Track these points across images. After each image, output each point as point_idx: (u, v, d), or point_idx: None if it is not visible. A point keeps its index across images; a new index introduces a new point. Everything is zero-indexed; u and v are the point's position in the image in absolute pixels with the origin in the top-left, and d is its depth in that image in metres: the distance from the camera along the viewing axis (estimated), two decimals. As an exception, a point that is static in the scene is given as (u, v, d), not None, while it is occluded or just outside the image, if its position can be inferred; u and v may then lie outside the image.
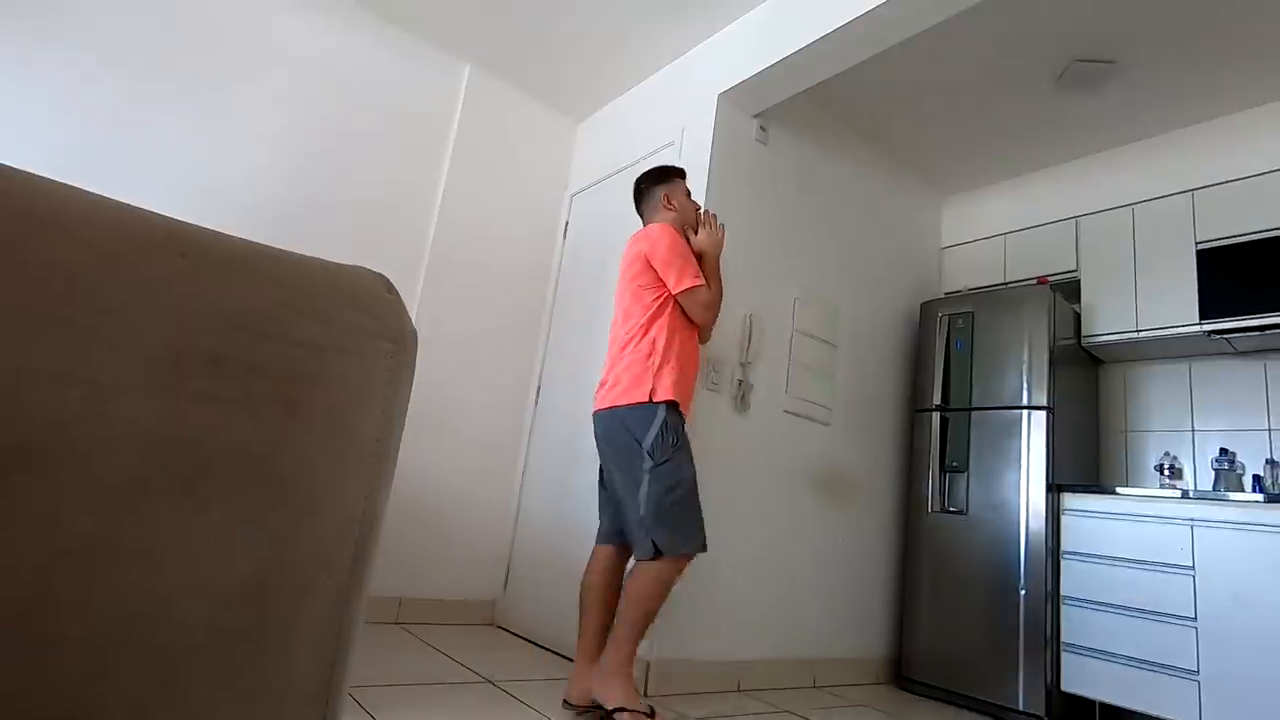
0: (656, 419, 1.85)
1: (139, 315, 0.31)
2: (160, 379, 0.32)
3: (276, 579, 0.35)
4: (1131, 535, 2.50)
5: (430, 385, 2.93)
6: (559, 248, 3.40)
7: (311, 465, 0.37)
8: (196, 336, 0.33)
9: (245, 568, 0.34)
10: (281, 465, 0.36)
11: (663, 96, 3.03)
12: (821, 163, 3.09)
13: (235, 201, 2.59)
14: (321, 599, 0.37)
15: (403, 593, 2.77)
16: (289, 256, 0.39)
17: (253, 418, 0.35)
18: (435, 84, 3.13)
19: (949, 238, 3.73)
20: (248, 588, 0.34)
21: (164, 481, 0.32)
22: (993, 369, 2.90)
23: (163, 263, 0.33)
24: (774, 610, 2.59)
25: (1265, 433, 2.73)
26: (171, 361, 0.32)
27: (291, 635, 0.36)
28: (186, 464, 0.33)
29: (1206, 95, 2.79)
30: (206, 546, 0.33)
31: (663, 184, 2.20)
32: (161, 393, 0.32)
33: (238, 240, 0.39)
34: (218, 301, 0.34)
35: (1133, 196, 3.05)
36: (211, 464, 0.33)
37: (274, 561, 0.35)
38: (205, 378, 0.33)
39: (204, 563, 0.33)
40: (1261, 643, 2.16)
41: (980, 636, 2.67)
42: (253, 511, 0.34)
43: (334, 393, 0.38)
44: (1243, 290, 2.63)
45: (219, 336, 0.34)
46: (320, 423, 0.37)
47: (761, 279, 2.74)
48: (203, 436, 0.33)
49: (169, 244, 0.33)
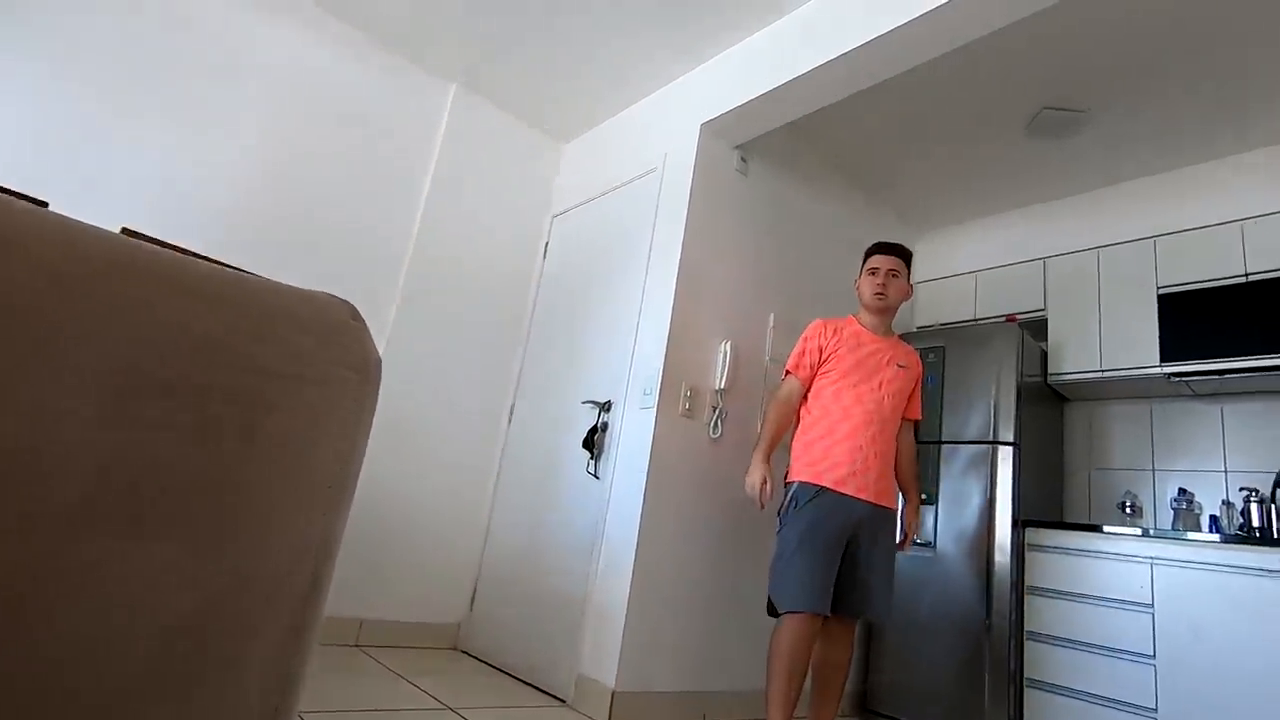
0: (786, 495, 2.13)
1: (91, 340, 0.30)
2: (111, 406, 0.31)
3: (225, 613, 0.34)
4: (1094, 572, 2.54)
5: (402, 403, 2.89)
6: (538, 268, 3.40)
7: (267, 495, 0.36)
8: (152, 363, 0.32)
9: (192, 602, 0.33)
10: (236, 495, 0.35)
11: (647, 123, 3.07)
12: (800, 195, 3.14)
13: (209, 218, 2.55)
14: (271, 632, 0.36)
15: (363, 614, 2.70)
16: (252, 281, 0.38)
17: (207, 446, 0.34)
18: (419, 103, 3.13)
19: (922, 273, 3.80)
20: (194, 622, 0.33)
21: (110, 512, 0.31)
22: (962, 403, 2.95)
23: (119, 287, 0.32)
24: (740, 639, 2.57)
25: (1222, 474, 2.80)
26: (124, 388, 0.31)
27: (238, 670, 0.34)
28: (136, 494, 0.32)
29: (1169, 147, 2.90)
30: (152, 580, 0.32)
31: None
32: (112, 420, 0.31)
33: (200, 264, 0.39)
34: (175, 327, 0.33)
35: (1098, 240, 3.15)
36: (162, 494, 0.32)
37: (223, 595, 0.34)
38: (159, 405, 0.32)
39: (149, 597, 0.32)
40: (1217, 682, 2.20)
41: (945, 670, 2.68)
42: (204, 543, 0.33)
43: (293, 421, 0.37)
44: (1201, 335, 2.71)
45: (176, 363, 0.33)
46: (278, 451, 0.36)
47: (738, 308, 2.77)
48: (154, 465, 0.32)
49: (127, 267, 0.32)
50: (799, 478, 2.09)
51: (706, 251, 2.67)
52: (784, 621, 1.96)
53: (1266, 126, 2.71)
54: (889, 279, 2.22)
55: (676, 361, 2.50)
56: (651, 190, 2.83)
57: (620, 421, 2.56)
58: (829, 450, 2.08)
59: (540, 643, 2.53)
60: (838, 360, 2.15)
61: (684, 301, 2.56)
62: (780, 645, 1.94)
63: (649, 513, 2.35)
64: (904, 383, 2.21)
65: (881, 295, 2.21)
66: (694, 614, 2.44)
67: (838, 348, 2.17)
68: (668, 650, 2.35)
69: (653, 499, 2.37)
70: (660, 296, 2.59)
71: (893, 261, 2.24)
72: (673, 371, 2.49)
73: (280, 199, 2.72)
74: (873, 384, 2.13)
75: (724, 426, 2.61)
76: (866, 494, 2.06)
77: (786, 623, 1.96)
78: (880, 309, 2.23)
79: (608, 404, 2.65)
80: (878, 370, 2.15)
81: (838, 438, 2.09)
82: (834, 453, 2.08)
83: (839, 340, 2.18)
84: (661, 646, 2.33)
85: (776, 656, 1.94)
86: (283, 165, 2.74)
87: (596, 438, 2.62)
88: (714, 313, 2.67)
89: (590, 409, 2.72)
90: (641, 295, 2.68)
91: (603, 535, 2.44)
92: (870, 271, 2.25)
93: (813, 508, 2.03)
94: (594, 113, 3.29)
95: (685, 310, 2.56)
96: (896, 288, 2.23)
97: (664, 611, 2.35)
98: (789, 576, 1.99)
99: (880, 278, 2.22)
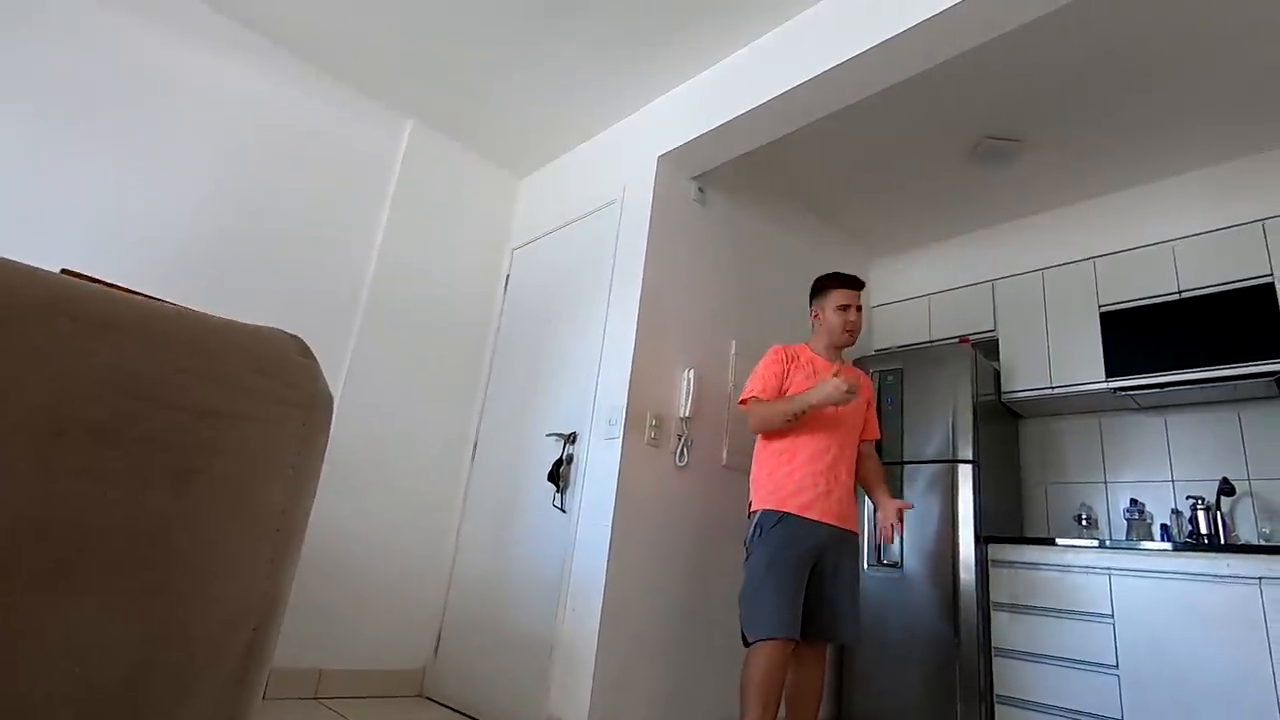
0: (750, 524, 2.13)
1: (12, 385, 0.28)
2: (35, 454, 0.29)
3: (160, 670, 0.31)
4: (1055, 585, 2.59)
5: (361, 440, 2.82)
6: (499, 301, 3.38)
7: (207, 542, 0.34)
8: (80, 406, 0.30)
9: (125, 659, 0.30)
10: (172, 544, 0.33)
11: (605, 156, 3.11)
12: (757, 224, 3.21)
13: (160, 253, 2.48)
14: (212, 686, 0.33)
15: (322, 664, 2.58)
16: (191, 318, 0.37)
17: (141, 493, 0.32)
18: (375, 137, 3.12)
19: (878, 297, 3.90)
20: (126, 681, 0.30)
21: (32, 566, 0.29)
22: (921, 424, 3.01)
23: (44, 328, 0.30)
24: (713, 670, 2.53)
25: (1169, 484, 2.90)
26: (47, 432, 0.29)
27: (171, 735, 0.32)
28: (61, 545, 0.30)
29: (1102, 173, 3.06)
30: (79, 637, 0.29)
31: (815, 298, 2.36)
32: (36, 469, 0.29)
33: (136, 301, 0.37)
34: (106, 368, 0.31)
35: (1042, 262, 3.28)
36: (90, 545, 0.30)
37: (159, 650, 0.31)
38: (88, 451, 0.31)
39: (75, 656, 0.29)
40: (1178, 688, 2.24)
41: (917, 690, 2.68)
42: (136, 597, 0.31)
43: (235, 463, 0.35)
44: (1142, 350, 2.83)
45: (106, 406, 0.31)
46: (218, 495, 0.34)
47: (700, 335, 2.79)
48: (82, 515, 0.30)
49: (52, 307, 0.31)
50: (762, 506, 2.11)
51: (667, 281, 2.70)
52: (756, 649, 1.95)
53: (1192, 152, 2.88)
54: (858, 314, 2.29)
55: (640, 391, 2.50)
56: (611, 222, 2.86)
57: (586, 453, 2.54)
58: (790, 476, 2.10)
59: (508, 685, 2.46)
60: (796, 387, 2.19)
61: (646, 331, 2.57)
62: (753, 673, 1.92)
63: (617, 544, 2.32)
64: (858, 406, 2.25)
65: (853, 332, 2.27)
66: (666, 646, 2.40)
67: (794, 374, 2.21)
68: (640, 686, 2.30)
69: (620, 530, 2.34)
70: (622, 327, 2.60)
71: (859, 297, 2.32)
72: (637, 401, 2.48)
73: (234, 235, 2.66)
74: (830, 410, 2.17)
75: (690, 454, 2.61)
76: (829, 518, 2.07)
77: (758, 650, 1.95)
78: (848, 344, 2.29)
79: (572, 436, 2.63)
80: None
81: (797, 464, 2.11)
82: (795, 478, 2.09)
83: (796, 367, 2.22)
84: (633, 683, 2.28)
85: (750, 685, 1.92)
86: (236, 201, 2.68)
87: (562, 470, 2.59)
88: (676, 341, 2.69)
89: (555, 441, 2.69)
90: (604, 326, 2.68)
91: (570, 570, 2.39)
92: (841, 308, 2.29)
93: (776, 534, 2.04)
94: (552, 145, 3.32)
95: (648, 340, 2.57)
96: (861, 320, 2.31)
97: (635, 646, 2.31)
98: (759, 604, 1.98)
99: (852, 314, 2.28)
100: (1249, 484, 2.71)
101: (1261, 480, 2.69)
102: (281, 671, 2.48)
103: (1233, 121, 2.69)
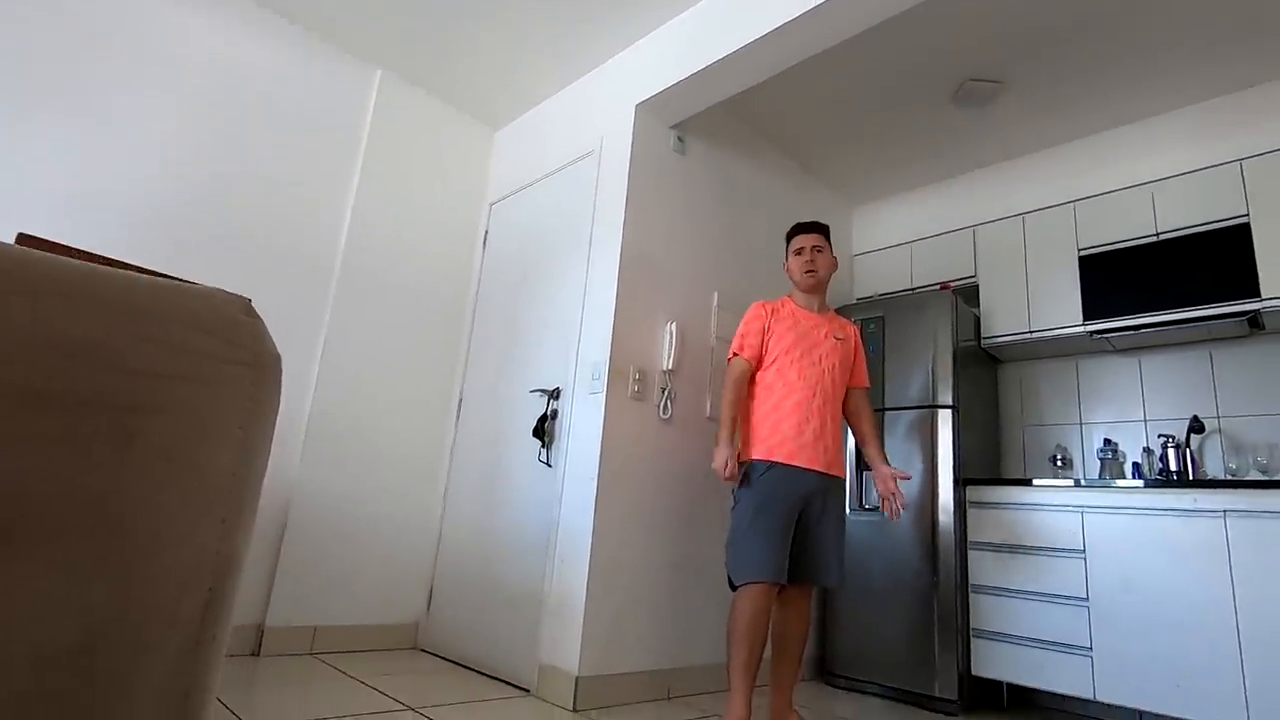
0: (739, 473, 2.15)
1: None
2: (-38, 419, 0.28)
3: (111, 637, 0.31)
4: (1030, 524, 2.66)
5: (344, 402, 2.81)
6: (479, 257, 3.33)
7: (153, 506, 0.33)
8: (11, 370, 0.30)
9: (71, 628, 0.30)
10: (117, 507, 0.32)
11: (582, 106, 3.03)
12: (738, 173, 3.16)
13: (121, 216, 2.40)
14: (167, 652, 0.33)
15: (317, 621, 2.63)
16: (134, 280, 0.35)
17: (81, 456, 0.31)
18: (343, 90, 3.01)
19: (860, 245, 3.88)
20: (73, 650, 0.30)
21: (-28, 533, 0.28)
22: (902, 370, 3.04)
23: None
24: (701, 615, 2.61)
25: (1141, 423, 2.97)
26: (-24, 399, 0.29)
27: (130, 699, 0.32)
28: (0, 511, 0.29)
29: (1079, 114, 3.03)
30: (25, 606, 0.29)
31: (786, 251, 2.38)
32: (-36, 434, 0.28)
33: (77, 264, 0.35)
34: (39, 330, 0.30)
35: (1023, 207, 3.27)
36: (31, 510, 0.30)
37: (106, 618, 0.31)
38: (22, 415, 0.30)
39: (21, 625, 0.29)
40: (1144, 618, 2.34)
41: (898, 629, 2.78)
42: (81, 562, 0.31)
43: (178, 425, 0.34)
44: (1119, 293, 2.86)
45: (40, 369, 0.30)
46: (163, 458, 0.34)
47: (682, 287, 2.78)
48: (20, 480, 0.30)
49: (-25, 269, 0.29)
50: (751, 455, 2.14)
51: (648, 232, 2.67)
52: (742, 593, 2.00)
53: (1173, 91, 2.85)
54: (815, 255, 2.28)
55: (623, 345, 2.50)
56: (590, 173, 2.80)
57: (570, 408, 2.55)
58: (778, 425, 2.12)
59: (501, 635, 2.52)
60: (779, 339, 2.20)
61: (628, 283, 2.55)
62: (739, 617, 1.98)
63: (604, 496, 2.35)
64: (844, 354, 2.26)
65: (812, 272, 2.26)
66: (654, 593, 2.47)
67: (776, 327, 2.21)
68: (630, 632, 2.36)
69: (607, 482, 2.37)
70: (604, 279, 2.58)
71: (815, 239, 2.30)
72: (620, 355, 2.48)
73: (201, 196, 2.58)
74: (814, 358, 2.18)
75: (674, 407, 2.63)
76: (817, 465, 2.11)
77: (744, 594, 1.99)
78: (812, 286, 2.28)
79: (556, 391, 2.63)
80: (817, 345, 2.21)
81: (785, 413, 2.13)
82: (783, 427, 2.12)
83: (778, 319, 2.22)
84: (623, 629, 2.34)
85: (736, 628, 1.98)
86: (202, 160, 2.60)
87: (547, 426, 2.60)
88: (658, 294, 2.67)
89: (539, 397, 2.70)
90: (585, 279, 2.66)
91: (558, 522, 2.43)
92: (796, 252, 2.30)
93: (766, 482, 2.07)
94: (528, 95, 3.23)
95: (629, 292, 2.55)
96: (824, 262, 2.29)
97: (624, 594, 2.37)
98: (745, 550, 2.03)
99: (807, 255, 2.28)
100: (1218, 421, 2.78)
101: (1230, 418, 2.76)
102: (277, 630, 2.52)
103: (1212, 60, 2.65)
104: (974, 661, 2.68)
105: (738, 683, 1.95)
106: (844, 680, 2.92)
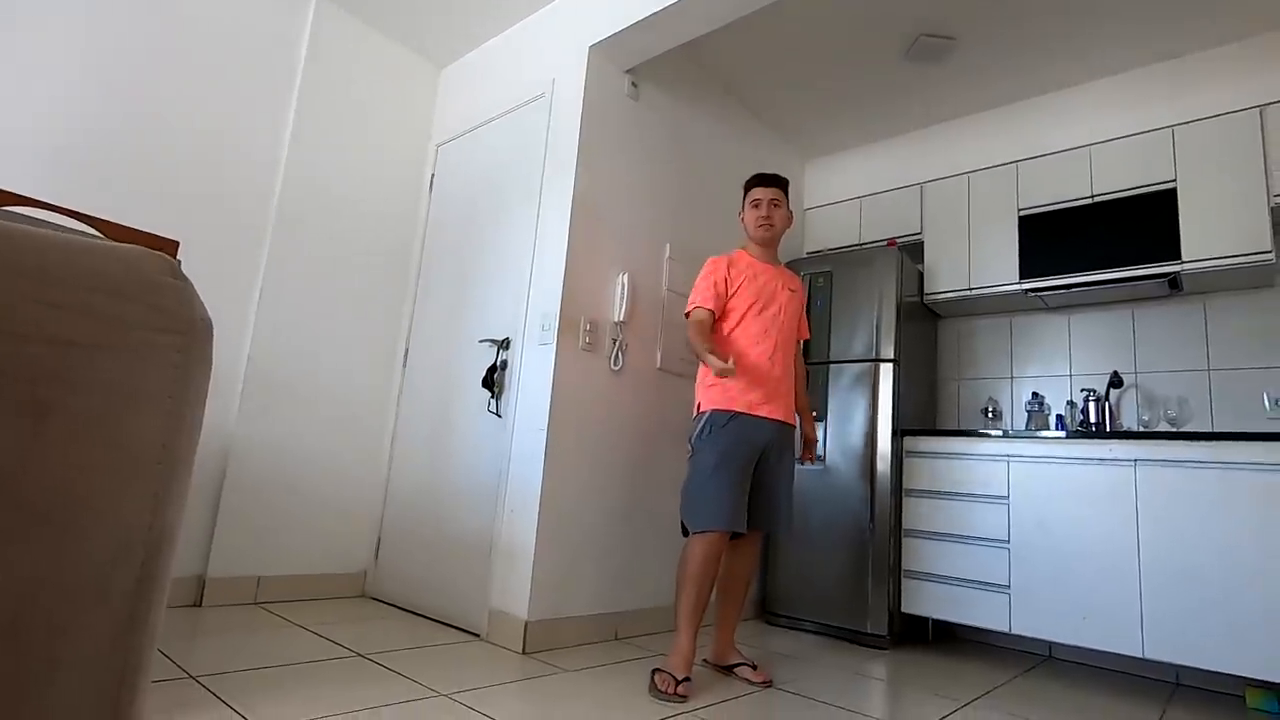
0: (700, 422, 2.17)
1: None
2: None
3: (36, 617, 0.30)
4: (959, 472, 2.81)
5: (284, 355, 2.71)
6: (425, 202, 3.21)
7: (73, 482, 0.32)
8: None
9: (-4, 607, 0.29)
10: (32, 485, 0.30)
11: (532, 45, 2.90)
12: (693, 122, 3.10)
13: (24, 153, 2.20)
14: (96, 633, 0.32)
15: (260, 571, 2.60)
16: (43, 237, 0.33)
17: (-10, 431, 0.29)
18: (273, 18, 2.80)
19: (811, 200, 3.90)
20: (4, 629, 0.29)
21: None
22: (848, 324, 3.11)
23: None
24: (647, 560, 2.68)
25: (1067, 378, 3.14)
26: None
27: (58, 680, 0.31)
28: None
29: (1028, 74, 3.07)
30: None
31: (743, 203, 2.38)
32: None
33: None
34: (-67, 292, 0.28)
35: (969, 165, 3.33)
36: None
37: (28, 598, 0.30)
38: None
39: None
40: (1058, 557, 2.53)
41: (835, 571, 2.93)
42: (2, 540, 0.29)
43: (98, 396, 0.32)
44: (1054, 253, 2.97)
45: (-63, 333, 0.28)
46: (83, 432, 0.32)
47: (634, 238, 2.75)
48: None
49: None
50: (713, 405, 2.14)
51: (600, 179, 2.61)
52: (696, 540, 2.04)
53: (1112, 56, 2.91)
54: (772, 209, 2.28)
55: (574, 295, 2.47)
56: (540, 116, 2.71)
57: (520, 358, 2.53)
58: (739, 376, 2.14)
59: (450, 582, 2.54)
60: (740, 292, 2.21)
61: (579, 232, 2.51)
62: (692, 562, 2.03)
63: (553, 447, 2.36)
64: (796, 306, 2.31)
65: (767, 226, 2.27)
66: (603, 540, 2.52)
67: (736, 278, 2.22)
68: (578, 577, 2.42)
69: (557, 433, 2.38)
70: (555, 228, 2.52)
71: (773, 192, 2.30)
72: (571, 305, 2.46)
73: (121, 129, 2.38)
74: (772, 310, 2.21)
75: (625, 358, 2.64)
76: (776, 414, 2.16)
77: (699, 540, 2.04)
78: (766, 239, 2.29)
79: (506, 341, 2.60)
80: (775, 297, 2.23)
81: (747, 364, 2.16)
82: (743, 379, 2.15)
83: (737, 271, 2.23)
84: (571, 575, 2.40)
85: (688, 573, 2.03)
86: (120, 91, 2.39)
87: (496, 376, 2.58)
88: (610, 244, 2.64)
89: (488, 347, 2.66)
90: (535, 227, 2.60)
91: (508, 472, 2.44)
92: (754, 205, 2.30)
93: (727, 432, 2.10)
94: (475, 30, 3.07)
95: (581, 241, 2.51)
96: (780, 216, 2.29)
97: (573, 541, 2.41)
98: (705, 498, 2.06)
99: (764, 209, 2.28)
100: (1135, 377, 2.96)
101: (1146, 373, 2.94)
102: (219, 580, 2.49)
103: (1153, 26, 2.71)
104: (904, 600, 2.85)
105: (685, 623, 2.02)
106: (783, 619, 3.07)
